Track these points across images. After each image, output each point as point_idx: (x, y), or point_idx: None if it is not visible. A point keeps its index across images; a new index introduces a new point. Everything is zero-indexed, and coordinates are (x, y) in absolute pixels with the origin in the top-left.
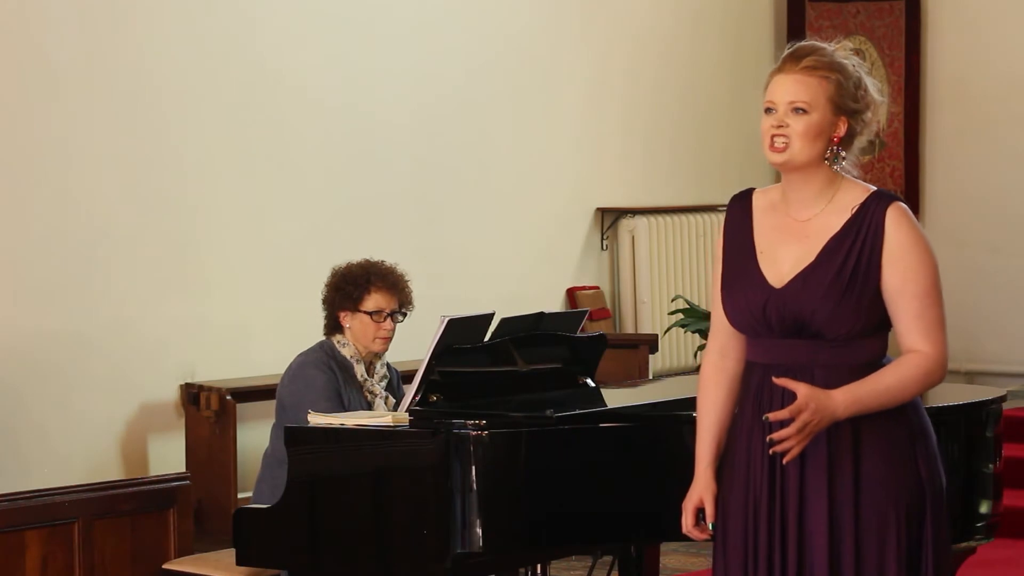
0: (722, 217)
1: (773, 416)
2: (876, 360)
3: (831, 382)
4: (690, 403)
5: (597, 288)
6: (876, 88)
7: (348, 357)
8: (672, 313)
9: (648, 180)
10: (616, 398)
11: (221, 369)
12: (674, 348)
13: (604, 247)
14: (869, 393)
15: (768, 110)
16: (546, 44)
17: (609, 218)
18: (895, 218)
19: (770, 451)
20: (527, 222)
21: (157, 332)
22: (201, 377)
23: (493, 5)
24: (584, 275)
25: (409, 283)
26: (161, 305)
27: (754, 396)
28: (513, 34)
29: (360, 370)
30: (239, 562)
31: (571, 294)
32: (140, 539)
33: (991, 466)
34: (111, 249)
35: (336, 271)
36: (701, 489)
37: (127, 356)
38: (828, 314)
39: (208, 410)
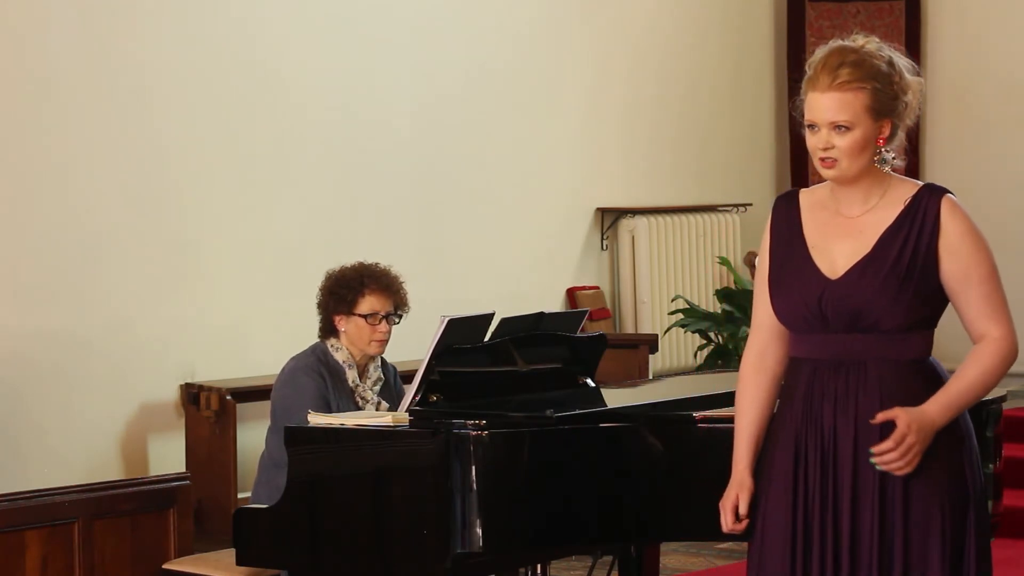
0: (722, 217)
1: (877, 449)
2: (924, 358)
3: (884, 376)
4: (690, 403)
5: (597, 288)
6: (909, 68)
7: (341, 362)
8: (672, 313)
9: (648, 180)
10: (616, 398)
11: (221, 369)
12: (674, 348)
13: (604, 247)
14: (958, 392)
15: (811, 127)
16: (547, 44)
17: (609, 218)
18: (950, 209)
19: (876, 466)
20: (527, 222)
21: (157, 332)
22: (201, 377)
23: (494, 6)
24: (584, 275)
25: (404, 284)
26: (161, 305)
27: (804, 394)
28: (514, 35)
29: (352, 375)
30: (239, 562)
31: (571, 294)
32: (140, 539)
33: (991, 466)
34: (111, 250)
35: (330, 274)
36: (737, 487)
37: (127, 356)
38: (885, 304)
39: (208, 410)
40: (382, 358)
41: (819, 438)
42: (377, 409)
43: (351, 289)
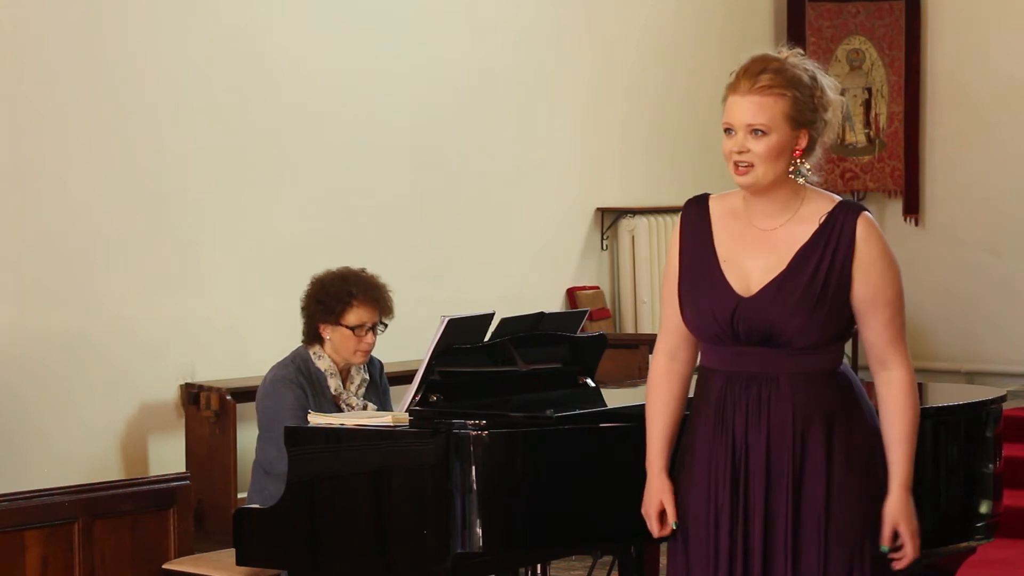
0: None
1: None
2: (835, 367)
3: (797, 390)
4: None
5: (597, 288)
6: (832, 86)
7: (323, 370)
8: None
9: (648, 180)
10: (616, 398)
11: (221, 369)
12: None
13: (604, 247)
14: (904, 453)
15: (727, 131)
16: (547, 44)
17: (609, 218)
18: (865, 229)
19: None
20: (527, 222)
21: (157, 333)
22: (201, 377)
23: (494, 7)
24: (584, 275)
25: (390, 293)
26: (161, 306)
27: (715, 406)
28: (514, 35)
29: (334, 383)
30: (239, 562)
31: (571, 294)
32: (140, 539)
33: (991, 466)
34: (110, 250)
35: (316, 281)
36: (659, 493)
37: (127, 357)
38: (800, 324)
39: (208, 410)
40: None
41: (731, 448)
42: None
43: (339, 300)
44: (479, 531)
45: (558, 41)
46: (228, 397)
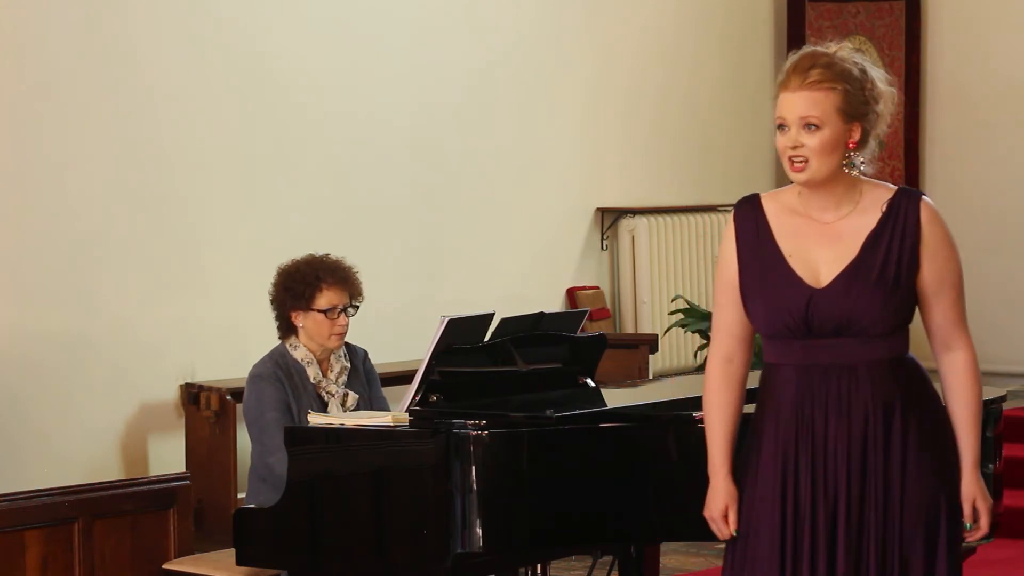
0: (723, 217)
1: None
2: (903, 354)
3: (875, 377)
4: (690, 403)
5: (597, 288)
6: (883, 79)
7: (300, 360)
8: (672, 313)
9: (648, 180)
10: (616, 398)
11: (221, 369)
12: (674, 348)
13: (604, 247)
14: (974, 432)
15: (780, 127)
16: (547, 44)
17: (609, 218)
18: (929, 213)
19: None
20: (527, 222)
21: (157, 333)
22: (201, 377)
23: (494, 7)
24: (584, 275)
25: (358, 274)
26: (160, 306)
27: (791, 401)
28: (514, 35)
29: (313, 372)
30: (239, 562)
31: (571, 294)
32: (140, 539)
33: (991, 466)
34: (110, 250)
35: (282, 271)
36: (724, 496)
37: (127, 357)
38: (876, 310)
39: (208, 410)
40: (349, 343)
41: (810, 443)
42: (344, 400)
43: (307, 284)
44: (479, 531)
45: (558, 41)
46: (228, 397)
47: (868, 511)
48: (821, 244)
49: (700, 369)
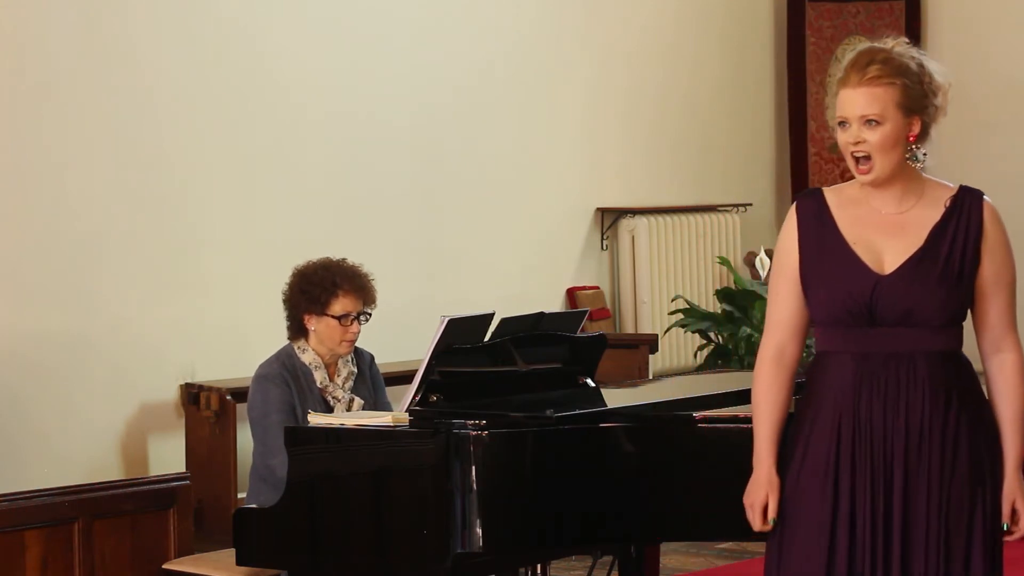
0: (722, 217)
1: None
2: (958, 349)
3: (934, 369)
4: (691, 403)
5: (597, 288)
6: (939, 71)
7: (308, 363)
8: (672, 313)
9: (648, 180)
10: (616, 398)
11: (221, 369)
12: (674, 348)
13: (604, 247)
14: (1019, 433)
15: (842, 124)
16: (547, 44)
17: (609, 218)
18: (991, 212)
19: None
20: (527, 222)
21: (157, 333)
22: (201, 377)
23: (494, 7)
24: (584, 275)
25: (373, 282)
26: (161, 306)
27: (852, 388)
28: (514, 34)
29: (320, 376)
30: (239, 562)
31: (571, 294)
32: (140, 539)
33: None
34: (110, 250)
35: (299, 272)
36: (767, 486)
37: (127, 357)
38: (940, 300)
39: (208, 410)
40: (356, 347)
41: (867, 432)
42: (350, 405)
43: (324, 289)
44: (479, 531)
45: (558, 41)
46: (228, 397)
47: (918, 501)
48: (885, 234)
49: (700, 369)
